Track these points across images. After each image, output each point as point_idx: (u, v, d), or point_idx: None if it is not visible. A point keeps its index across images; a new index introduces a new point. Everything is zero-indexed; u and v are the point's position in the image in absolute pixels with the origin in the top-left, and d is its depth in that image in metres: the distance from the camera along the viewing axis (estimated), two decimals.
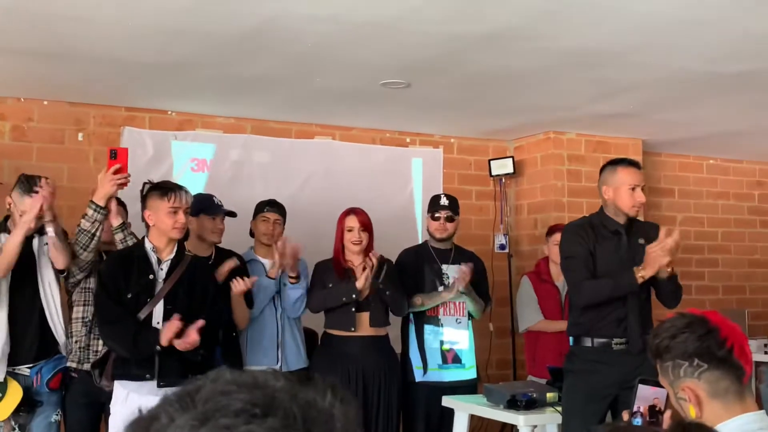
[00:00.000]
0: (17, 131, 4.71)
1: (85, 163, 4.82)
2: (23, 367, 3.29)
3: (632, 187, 3.31)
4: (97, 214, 3.23)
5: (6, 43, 3.68)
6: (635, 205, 3.33)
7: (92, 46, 3.77)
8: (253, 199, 4.33)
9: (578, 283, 3.32)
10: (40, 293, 3.33)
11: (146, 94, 4.72)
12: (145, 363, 3.04)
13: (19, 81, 4.41)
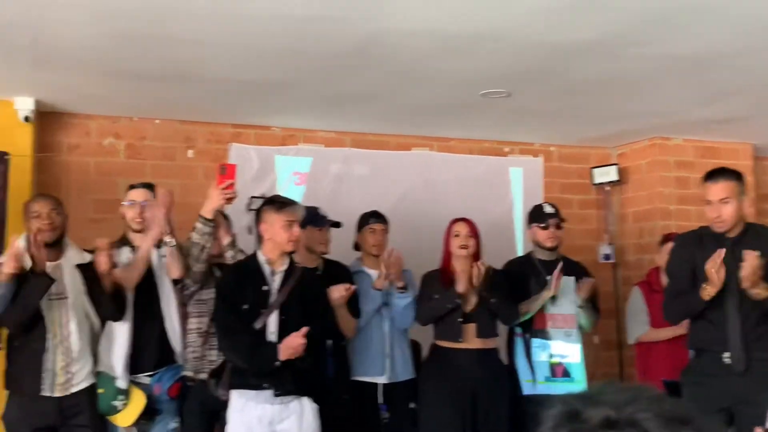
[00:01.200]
0: (131, 149, 4.93)
1: (195, 179, 5.00)
2: (143, 376, 3.43)
3: (709, 201, 3.23)
4: (206, 227, 3.34)
5: (122, 66, 3.86)
6: (712, 220, 3.24)
7: (203, 68, 3.92)
8: (353, 212, 4.40)
9: (664, 303, 3.48)
10: (160, 304, 3.47)
11: (252, 111, 4.86)
12: (262, 372, 3.12)
13: (133, 102, 4.63)
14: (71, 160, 4.78)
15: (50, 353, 3.24)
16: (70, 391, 3.27)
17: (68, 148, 4.79)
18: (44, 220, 3.31)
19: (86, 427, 3.30)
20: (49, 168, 4.69)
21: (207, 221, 3.32)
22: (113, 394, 3.32)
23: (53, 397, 3.24)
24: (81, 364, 3.32)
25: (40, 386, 3.21)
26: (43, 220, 3.30)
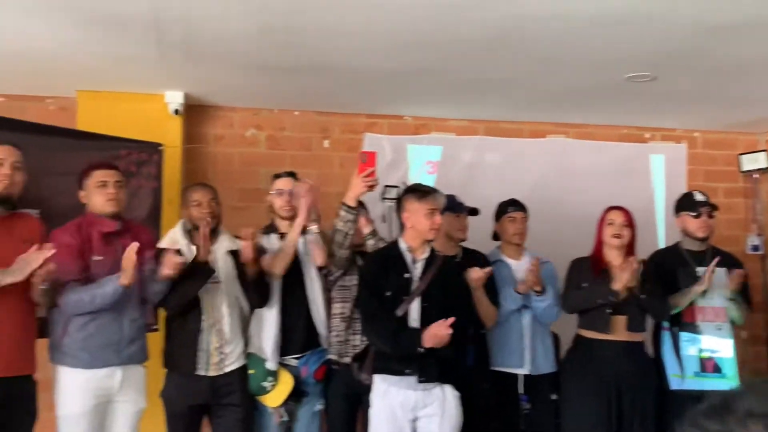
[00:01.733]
0: (272, 140, 5.10)
1: (331, 168, 5.12)
2: (290, 358, 3.55)
3: None
4: (349, 215, 3.41)
5: (266, 59, 3.99)
6: None
7: (340, 59, 4.00)
8: (485, 201, 4.36)
9: None
10: (306, 289, 3.58)
11: (385, 100, 4.92)
12: (406, 358, 3.16)
13: (274, 94, 4.78)
14: (216, 151, 5.01)
15: (204, 334, 3.40)
16: (223, 371, 3.42)
17: (214, 139, 5.01)
18: (204, 209, 3.47)
19: (237, 405, 3.45)
20: (196, 158, 4.93)
21: (350, 209, 3.39)
22: (263, 375, 3.45)
23: (207, 376, 3.40)
24: (233, 345, 3.47)
25: (195, 365, 3.38)
26: (203, 209, 3.47)
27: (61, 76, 4.29)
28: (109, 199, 3.28)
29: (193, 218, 3.47)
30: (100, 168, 3.34)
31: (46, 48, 3.80)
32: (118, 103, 4.56)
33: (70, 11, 3.31)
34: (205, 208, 3.47)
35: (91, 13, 3.33)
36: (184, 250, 3.42)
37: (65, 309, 3.16)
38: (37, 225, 3.22)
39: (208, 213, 3.47)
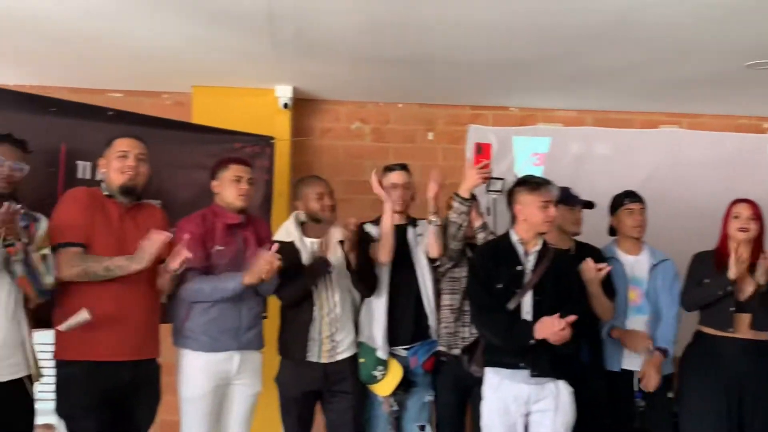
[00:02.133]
0: (376, 133, 5.15)
1: (435, 160, 5.12)
2: (400, 348, 3.57)
3: None
4: (463, 206, 3.40)
5: (374, 52, 4.03)
6: None
7: (447, 51, 3.99)
8: (594, 194, 4.24)
9: None
10: (418, 279, 3.59)
11: (491, 92, 4.88)
12: (519, 352, 3.13)
13: (379, 87, 4.82)
14: (323, 144, 5.09)
15: (317, 323, 3.46)
16: (334, 359, 3.48)
17: (320, 132, 5.10)
18: (326, 203, 3.54)
19: (349, 393, 3.50)
20: (303, 151, 5.02)
21: (464, 200, 3.38)
22: (373, 364, 3.49)
23: (320, 363, 3.46)
24: (344, 333, 3.52)
25: (307, 353, 3.45)
26: (325, 202, 3.54)
27: (178, 72, 4.46)
28: (241, 194, 3.39)
29: (312, 211, 3.53)
30: (237, 163, 3.46)
31: (166, 45, 3.96)
32: (230, 97, 4.70)
33: (192, 9, 3.44)
34: (326, 201, 3.53)
35: (210, 11, 3.45)
36: (297, 242, 3.49)
37: (185, 296, 3.28)
38: (161, 215, 3.35)
39: (329, 206, 3.53)
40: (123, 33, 3.77)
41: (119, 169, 3.12)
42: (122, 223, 3.15)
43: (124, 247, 3.08)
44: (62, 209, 3.07)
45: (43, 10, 3.45)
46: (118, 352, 3.06)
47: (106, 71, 4.50)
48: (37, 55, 4.19)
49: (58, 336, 3.09)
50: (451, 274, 3.62)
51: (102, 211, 3.12)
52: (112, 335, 3.05)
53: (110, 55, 4.16)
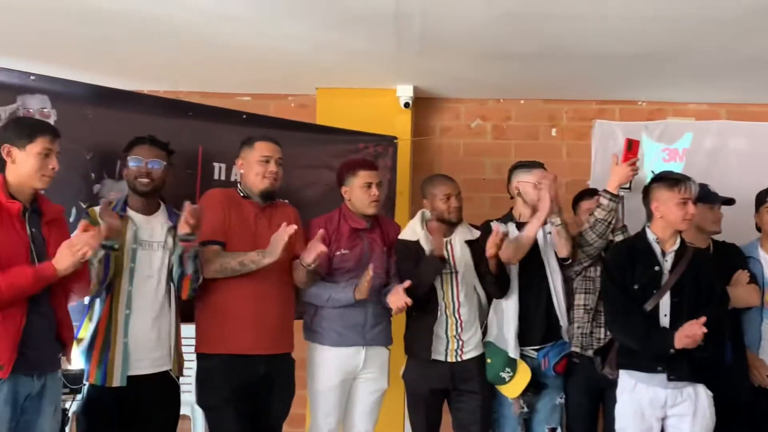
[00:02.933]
0: (497, 130, 5.08)
1: (558, 157, 5.00)
2: (530, 349, 3.51)
3: None
4: (612, 203, 3.33)
5: (499, 48, 3.97)
6: None
7: (574, 43, 3.88)
8: (729, 190, 4.03)
9: None
10: (548, 279, 3.52)
11: (618, 85, 4.71)
12: (656, 355, 3.01)
13: (501, 84, 4.75)
14: (443, 142, 5.07)
15: (443, 322, 3.45)
16: (461, 358, 3.46)
17: (441, 131, 5.08)
18: (453, 204, 3.53)
19: (476, 393, 3.47)
20: (423, 150, 5.01)
21: (614, 197, 3.31)
22: (501, 364, 3.45)
23: (446, 362, 3.45)
24: (470, 333, 3.49)
25: (433, 352, 3.44)
26: (453, 204, 3.53)
27: (302, 75, 4.56)
28: (372, 200, 3.44)
29: (439, 211, 3.52)
30: (366, 168, 3.48)
31: (293, 50, 4.05)
32: (353, 98, 4.75)
33: (321, 14, 3.50)
34: (454, 202, 3.52)
35: (338, 15, 3.51)
36: (422, 241, 3.49)
37: (304, 297, 3.36)
38: (294, 213, 3.43)
39: (457, 208, 3.52)
40: (252, 38, 3.88)
41: (261, 174, 3.22)
42: (257, 222, 3.26)
43: (259, 245, 3.18)
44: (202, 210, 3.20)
45: (175, 18, 3.59)
46: (256, 346, 3.16)
47: (235, 76, 4.66)
48: (169, 62, 4.38)
49: (198, 330, 3.24)
50: (585, 273, 3.53)
51: (238, 211, 3.23)
52: (250, 330, 3.15)
53: (239, 61, 4.30)
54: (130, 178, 3.06)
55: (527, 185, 3.59)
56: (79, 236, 2.59)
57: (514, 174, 3.67)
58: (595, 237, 3.37)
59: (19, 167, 2.63)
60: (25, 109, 3.01)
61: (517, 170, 3.68)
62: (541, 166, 3.66)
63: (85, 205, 3.12)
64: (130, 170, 3.05)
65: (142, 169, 3.04)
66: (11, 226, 2.58)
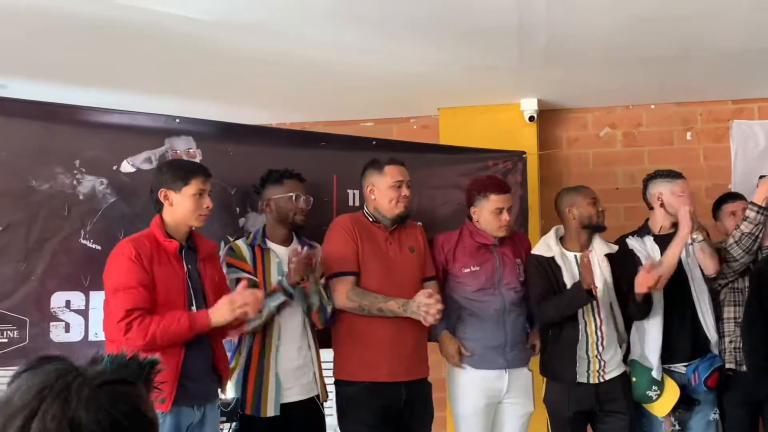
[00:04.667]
0: (628, 138, 4.91)
1: (695, 161, 4.78)
2: (679, 365, 3.35)
3: None
4: (760, 216, 3.17)
5: (624, 53, 3.84)
6: None
7: (707, 43, 3.72)
8: None
9: None
10: (692, 292, 3.37)
11: (754, 83, 4.47)
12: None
13: (629, 90, 4.60)
14: (571, 153, 4.95)
15: (582, 342, 3.34)
16: (604, 378, 3.34)
17: (567, 142, 4.97)
18: (600, 208, 3.44)
19: (623, 413, 3.34)
20: (550, 163, 4.92)
21: (761, 209, 3.13)
22: (647, 383, 3.31)
23: (589, 383, 3.34)
24: (611, 352, 3.37)
25: (576, 373, 3.34)
26: (599, 208, 3.44)
27: (424, 96, 4.58)
28: (502, 226, 3.40)
29: (589, 215, 3.42)
30: (497, 191, 3.41)
31: (414, 72, 4.07)
32: (475, 115, 4.73)
33: (440, 33, 3.50)
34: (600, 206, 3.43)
35: (458, 32, 3.49)
36: (558, 258, 3.39)
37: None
38: (420, 232, 3.45)
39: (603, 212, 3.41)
40: (372, 65, 3.93)
41: (395, 199, 3.24)
42: (388, 246, 3.28)
43: (392, 268, 3.21)
44: (332, 239, 3.26)
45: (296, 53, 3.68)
46: (396, 373, 3.18)
47: (357, 103, 4.73)
48: (293, 94, 4.50)
49: (337, 357, 3.28)
50: (733, 285, 3.35)
51: (368, 236, 3.25)
52: (390, 358, 3.17)
53: (361, 88, 4.37)
54: (285, 213, 3.15)
55: (672, 196, 3.44)
56: (242, 294, 2.69)
57: (653, 184, 3.53)
58: (741, 252, 3.22)
59: (176, 209, 2.76)
60: (173, 151, 3.16)
61: (656, 180, 3.54)
62: (682, 177, 3.49)
63: (232, 239, 3.24)
64: (284, 204, 3.15)
65: (301, 204, 3.15)
66: (169, 263, 2.70)
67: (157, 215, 2.79)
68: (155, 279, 2.64)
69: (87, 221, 3.00)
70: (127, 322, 2.56)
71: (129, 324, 2.56)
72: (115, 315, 2.60)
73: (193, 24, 3.24)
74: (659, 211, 3.50)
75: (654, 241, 3.47)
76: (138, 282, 2.59)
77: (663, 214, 3.48)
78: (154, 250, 2.67)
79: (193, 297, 2.73)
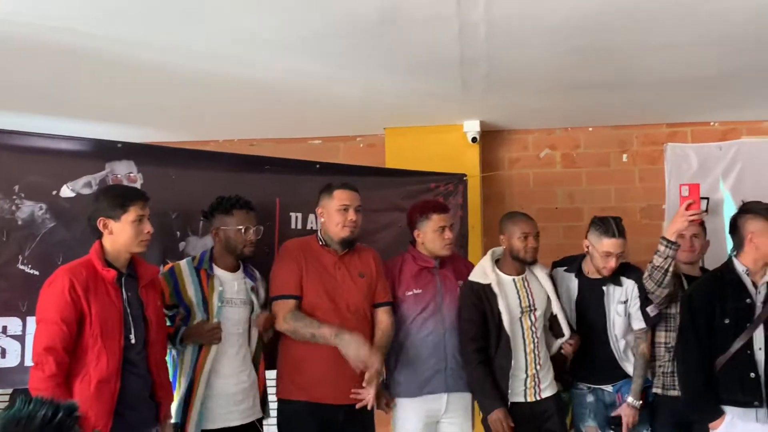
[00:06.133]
0: (567, 159, 5.05)
1: (631, 183, 4.94)
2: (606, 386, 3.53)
3: None
4: (669, 250, 3.25)
5: (563, 81, 3.97)
6: None
7: (644, 72, 3.85)
8: None
9: None
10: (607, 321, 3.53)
11: (688, 108, 4.63)
12: (753, 390, 2.95)
13: (568, 112, 4.73)
14: (512, 174, 5.06)
15: (520, 360, 3.39)
16: (539, 396, 3.41)
17: (509, 163, 5.08)
18: (530, 244, 3.48)
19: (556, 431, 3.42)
20: (493, 183, 5.02)
21: (670, 243, 3.23)
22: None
23: (526, 402, 3.39)
24: (545, 370, 3.45)
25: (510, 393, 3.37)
26: (530, 244, 3.47)
27: (371, 117, 4.64)
28: (446, 244, 3.47)
29: (515, 249, 3.48)
30: (438, 211, 3.51)
31: (363, 97, 4.16)
32: (420, 135, 4.81)
33: (391, 65, 3.59)
34: (532, 242, 3.48)
35: (407, 63, 3.57)
36: (494, 286, 3.40)
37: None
38: (372, 255, 3.47)
39: (533, 248, 3.48)
40: (320, 88, 3.98)
41: (341, 223, 3.26)
42: (336, 270, 3.31)
43: (337, 293, 3.24)
44: (278, 262, 3.29)
45: (245, 76, 3.71)
46: (335, 396, 3.19)
47: (307, 122, 4.77)
48: (242, 113, 4.53)
49: (280, 377, 3.30)
50: (667, 310, 3.47)
51: (316, 260, 3.28)
52: (331, 380, 3.19)
53: (312, 108, 4.42)
54: (234, 244, 3.17)
55: (594, 251, 3.51)
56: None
57: (590, 232, 3.56)
58: (654, 285, 3.31)
59: (116, 237, 2.74)
60: (114, 175, 3.15)
61: (590, 229, 3.57)
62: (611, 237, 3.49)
63: (171, 264, 3.24)
64: (234, 236, 3.17)
65: (250, 237, 3.18)
66: (106, 293, 2.69)
67: (96, 242, 2.77)
68: (91, 309, 2.62)
69: (25, 246, 2.97)
70: (38, 360, 2.58)
71: (40, 363, 2.57)
72: (35, 345, 2.62)
73: (136, 48, 3.24)
74: (589, 258, 3.58)
75: (578, 280, 3.58)
76: (62, 318, 2.58)
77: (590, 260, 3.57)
78: (91, 279, 2.66)
79: (132, 326, 2.72)
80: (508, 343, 3.35)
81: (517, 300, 3.43)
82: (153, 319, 2.81)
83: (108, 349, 2.64)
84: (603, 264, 3.43)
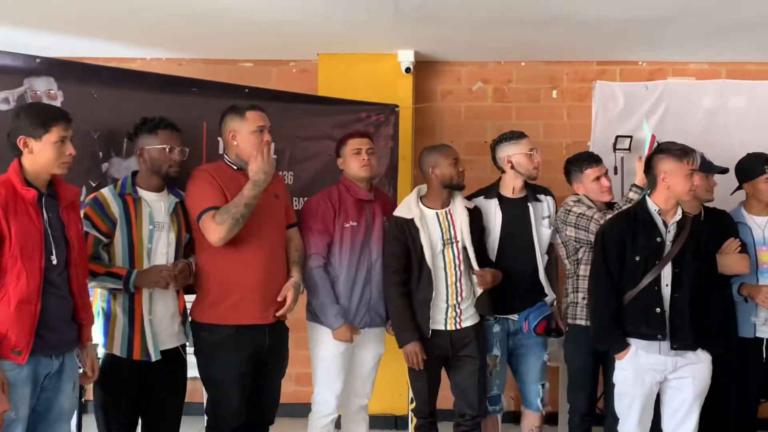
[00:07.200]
0: (498, 93, 5.09)
1: (559, 119, 5.04)
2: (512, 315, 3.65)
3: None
4: (638, 196, 3.47)
5: (494, 16, 4.01)
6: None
7: (575, 10, 3.90)
8: (728, 149, 4.10)
9: None
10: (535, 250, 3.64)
11: (618, 47, 4.73)
12: (658, 324, 3.12)
13: (501, 46, 4.75)
14: (444, 106, 5.09)
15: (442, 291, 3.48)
16: (460, 326, 3.50)
17: (442, 95, 5.10)
18: (461, 168, 3.51)
19: (474, 357, 3.51)
20: (425, 114, 5.04)
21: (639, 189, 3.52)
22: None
23: (446, 330, 3.48)
24: (468, 302, 3.53)
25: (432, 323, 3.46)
26: (459, 168, 3.50)
27: (303, 42, 4.57)
28: (363, 165, 3.51)
29: (450, 176, 3.48)
30: (355, 137, 3.60)
31: (292, 19, 4.08)
32: (354, 63, 4.77)
33: None
34: (461, 166, 3.52)
35: None
36: (417, 221, 3.44)
37: (307, 281, 3.43)
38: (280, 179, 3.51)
39: (462, 172, 3.51)
40: (252, 8, 3.89)
41: (257, 146, 3.16)
42: None
43: (259, 213, 3.16)
44: (195, 184, 3.18)
45: None
46: (263, 316, 3.22)
47: (237, 43, 4.66)
48: (172, 31, 4.39)
49: (203, 301, 3.24)
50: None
51: (232, 184, 3.16)
52: (260, 302, 3.20)
53: (239, 29, 4.31)
54: (159, 164, 3.11)
55: (521, 156, 3.61)
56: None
57: (500, 148, 3.65)
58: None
59: (36, 157, 2.65)
60: (33, 92, 3.02)
61: (502, 144, 3.66)
62: (526, 136, 3.67)
63: (94, 184, 3.17)
64: (158, 156, 3.10)
65: (175, 156, 3.12)
66: (26, 213, 2.61)
67: (15, 160, 2.68)
68: (11, 229, 2.55)
69: None
70: None
71: None
72: None
73: None
74: (510, 174, 3.65)
75: (499, 204, 3.64)
76: None
77: (514, 176, 3.64)
78: (11, 198, 2.57)
79: (53, 247, 2.67)
80: (429, 276, 3.42)
81: (440, 233, 3.49)
82: (74, 241, 2.76)
83: (28, 270, 2.58)
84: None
